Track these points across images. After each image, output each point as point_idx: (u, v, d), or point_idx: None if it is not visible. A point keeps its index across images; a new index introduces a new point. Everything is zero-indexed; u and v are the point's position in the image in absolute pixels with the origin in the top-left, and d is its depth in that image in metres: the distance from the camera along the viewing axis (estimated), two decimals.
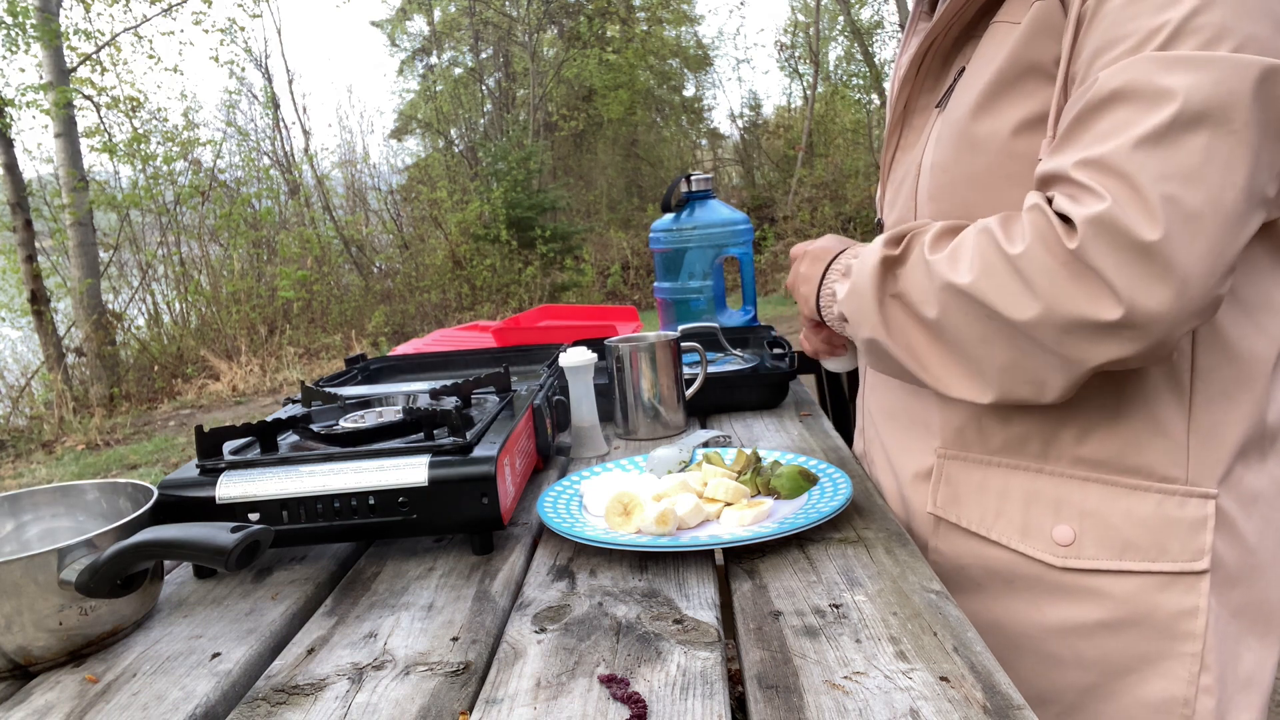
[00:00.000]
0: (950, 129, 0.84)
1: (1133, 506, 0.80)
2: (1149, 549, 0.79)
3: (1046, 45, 0.76)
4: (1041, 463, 0.84)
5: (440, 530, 0.86)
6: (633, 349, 1.26)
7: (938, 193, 0.86)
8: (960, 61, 0.88)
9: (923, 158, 0.89)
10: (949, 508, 0.89)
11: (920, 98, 0.93)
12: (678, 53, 15.37)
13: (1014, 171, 0.79)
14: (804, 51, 14.12)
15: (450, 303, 10.02)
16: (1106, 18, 0.70)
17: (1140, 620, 0.80)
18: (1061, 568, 0.82)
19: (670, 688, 0.60)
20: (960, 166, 0.83)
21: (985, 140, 0.80)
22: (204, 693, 0.64)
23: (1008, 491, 0.85)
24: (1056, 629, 0.83)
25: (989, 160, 0.81)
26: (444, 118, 13.34)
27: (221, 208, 9.21)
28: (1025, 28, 0.77)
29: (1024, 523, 0.84)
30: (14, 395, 7.26)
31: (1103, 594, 0.81)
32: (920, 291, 0.78)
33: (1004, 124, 0.79)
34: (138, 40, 11.19)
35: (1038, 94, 0.77)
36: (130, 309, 8.64)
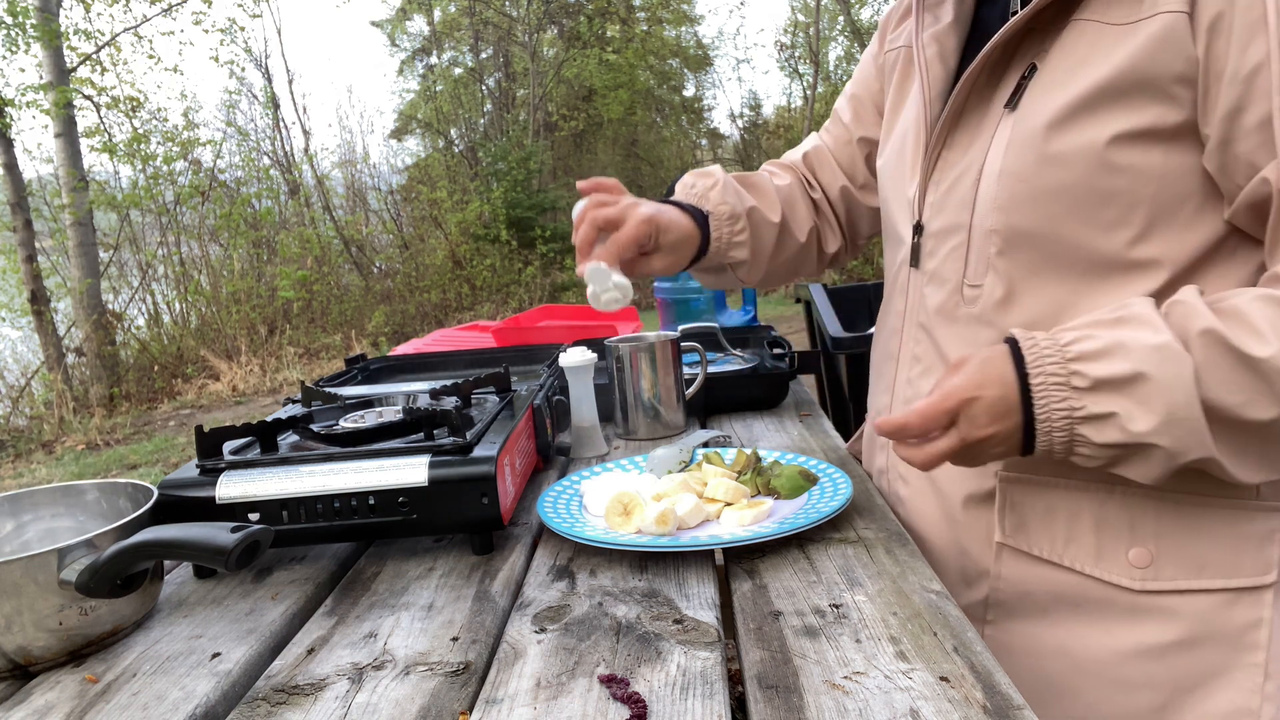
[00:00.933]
0: (1028, 135, 0.78)
1: (1206, 523, 0.78)
2: (1223, 565, 0.77)
3: (1170, 61, 0.71)
4: (1111, 482, 0.80)
5: (440, 530, 0.86)
6: (633, 349, 1.26)
7: (1011, 204, 0.79)
8: (1026, 56, 0.81)
9: (985, 161, 0.82)
10: (1017, 536, 0.84)
11: (975, 92, 0.85)
12: (678, 53, 15.36)
13: (1109, 186, 0.75)
14: (804, 51, 14.12)
15: (450, 303, 10.01)
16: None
17: (1211, 636, 0.78)
18: (1139, 590, 0.79)
19: (670, 688, 0.60)
20: (1043, 178, 0.77)
21: (1075, 152, 0.75)
22: (204, 693, 0.64)
23: (1077, 515, 0.81)
24: (1129, 652, 0.80)
25: (1079, 173, 0.75)
26: (444, 118, 13.34)
27: (221, 208, 9.20)
28: (1147, 40, 0.71)
29: (1097, 547, 0.80)
30: (14, 395, 7.26)
31: (1176, 613, 0.78)
32: (1245, 391, 0.67)
33: (1100, 135, 0.74)
34: (138, 40, 11.17)
35: (1145, 109, 0.73)
36: (130, 309, 8.64)
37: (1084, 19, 0.76)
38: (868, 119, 1.12)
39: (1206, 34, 0.70)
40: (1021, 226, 0.80)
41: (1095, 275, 0.78)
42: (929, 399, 0.75)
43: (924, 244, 0.92)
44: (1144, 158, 0.74)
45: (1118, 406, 0.69)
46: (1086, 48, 0.75)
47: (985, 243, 0.83)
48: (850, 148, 1.14)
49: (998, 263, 0.82)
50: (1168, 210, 0.75)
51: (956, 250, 0.86)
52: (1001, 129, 0.81)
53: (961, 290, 0.86)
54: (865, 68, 1.12)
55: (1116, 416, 0.69)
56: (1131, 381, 0.68)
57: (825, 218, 1.16)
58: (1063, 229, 0.77)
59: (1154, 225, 0.75)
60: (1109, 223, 0.76)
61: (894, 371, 0.97)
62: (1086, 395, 0.70)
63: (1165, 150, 0.74)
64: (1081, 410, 0.70)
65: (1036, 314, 0.81)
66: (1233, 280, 0.76)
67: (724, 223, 1.04)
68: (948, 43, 0.91)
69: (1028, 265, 0.81)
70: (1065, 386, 0.70)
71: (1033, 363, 0.72)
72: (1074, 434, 0.71)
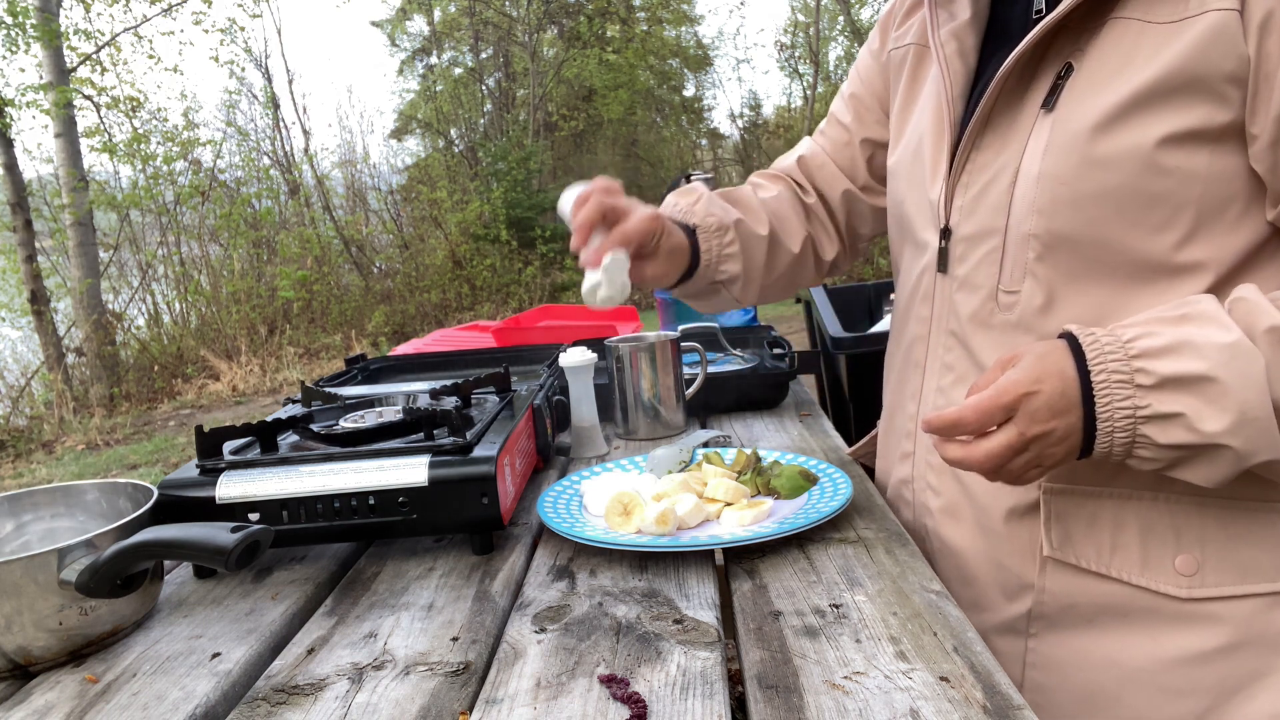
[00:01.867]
0: (1070, 137, 0.76)
1: (1250, 527, 0.77)
2: (1269, 569, 0.77)
3: (1221, 59, 0.69)
4: (1156, 489, 0.78)
5: (440, 530, 0.86)
6: (633, 349, 1.26)
7: (1053, 208, 0.77)
8: (1060, 56, 0.78)
9: (1022, 163, 0.79)
10: (1064, 548, 0.82)
11: (1005, 93, 0.82)
12: (678, 53, 15.36)
13: (1156, 188, 0.73)
14: (804, 51, 14.12)
15: (450, 303, 10.01)
16: None
17: (1255, 640, 0.77)
18: (1185, 598, 0.78)
19: (670, 688, 0.60)
20: (1087, 181, 0.75)
21: (1121, 154, 0.73)
22: (204, 693, 0.64)
23: (1122, 524, 0.80)
24: (1174, 660, 0.79)
25: (1125, 176, 0.73)
26: (444, 118, 13.34)
27: (221, 208, 9.20)
28: (1197, 39, 0.70)
29: (1143, 555, 0.79)
30: (14, 395, 7.26)
31: (1222, 619, 0.77)
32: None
33: (1148, 137, 0.72)
34: (138, 40, 11.18)
35: (1194, 109, 0.71)
36: (130, 309, 8.64)
37: (1124, 17, 0.74)
38: (870, 119, 1.09)
39: (1258, 32, 0.68)
40: (1063, 231, 0.78)
41: (1139, 279, 0.76)
42: (985, 393, 0.72)
43: (953, 249, 0.88)
44: (1191, 159, 0.72)
45: (1185, 406, 0.67)
46: (1129, 47, 0.73)
47: (1022, 247, 0.80)
48: (850, 149, 1.11)
49: (1036, 268, 0.80)
50: (1214, 212, 0.74)
51: (991, 255, 0.83)
52: (1039, 131, 0.79)
53: (997, 297, 0.83)
54: (865, 66, 1.09)
55: (1184, 417, 0.67)
56: (1201, 381, 0.66)
57: (820, 224, 1.13)
58: (1106, 232, 0.76)
59: (1200, 227, 0.74)
60: (1155, 225, 0.74)
61: (921, 380, 0.94)
62: (1152, 394, 0.68)
63: (1212, 151, 0.72)
64: (1146, 409, 0.68)
65: (1078, 319, 0.78)
66: (1277, 282, 0.75)
67: (712, 235, 1.01)
68: (967, 40, 0.88)
69: (1068, 270, 0.78)
70: (1129, 384, 0.68)
71: (1094, 359, 0.69)
72: (1137, 434, 0.69)
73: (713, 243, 1.01)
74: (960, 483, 0.90)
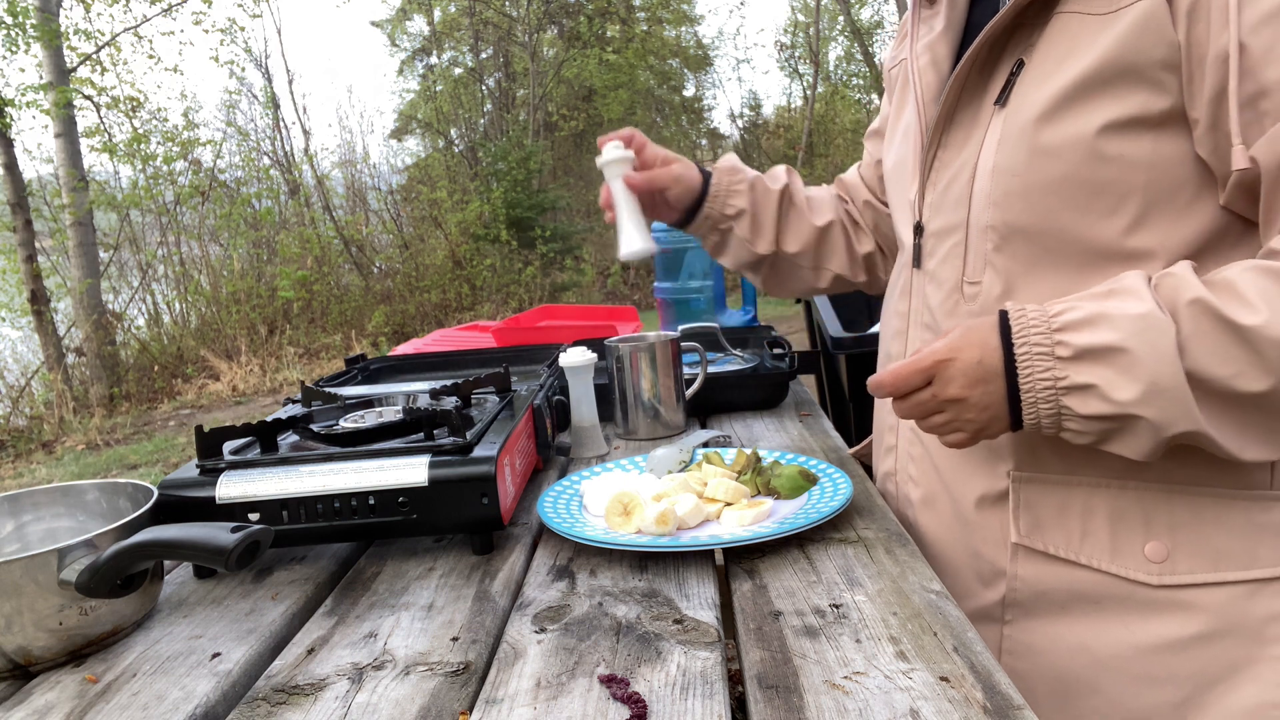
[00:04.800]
0: (1018, 130, 0.79)
1: (1222, 515, 0.77)
2: (1241, 557, 0.77)
3: (1152, 47, 0.71)
4: (1125, 478, 0.80)
5: (440, 530, 0.86)
6: (633, 349, 1.26)
7: (1005, 199, 0.80)
8: (1014, 53, 0.81)
9: (979, 159, 0.83)
10: (1033, 535, 0.84)
11: (965, 92, 0.86)
12: (678, 53, 15.36)
13: (1101, 176, 0.75)
14: (804, 51, 14.12)
15: (450, 303, 10.01)
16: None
17: (1232, 629, 0.77)
18: (1156, 585, 0.79)
19: (670, 688, 0.60)
20: (1035, 171, 0.78)
21: (1064, 144, 0.76)
22: (204, 693, 0.64)
23: (1091, 511, 0.81)
24: (1150, 647, 0.80)
25: (1070, 165, 0.76)
26: (444, 118, 13.34)
27: (221, 208, 9.20)
28: (1127, 28, 0.72)
29: (1113, 542, 0.80)
30: (14, 395, 7.26)
31: (1195, 607, 0.78)
32: (1236, 362, 0.66)
33: (1088, 126, 0.74)
34: (138, 40, 11.18)
35: (1131, 97, 0.73)
36: (130, 309, 8.64)
37: (1066, 11, 0.77)
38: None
39: (1186, 19, 0.70)
40: (1017, 221, 0.80)
41: (1092, 267, 0.78)
42: (906, 360, 0.78)
43: (925, 244, 0.92)
44: (1134, 146, 0.74)
45: (1098, 377, 0.69)
46: (1070, 40, 0.76)
47: (982, 239, 0.84)
48: (877, 169, 1.19)
49: (995, 259, 0.83)
50: (1162, 198, 0.75)
51: (955, 248, 0.87)
52: (993, 126, 0.82)
53: (961, 288, 0.87)
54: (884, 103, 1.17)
55: (1097, 388, 0.69)
56: (1113, 351, 0.68)
57: (855, 222, 1.20)
58: (1057, 221, 0.78)
59: (1148, 214, 0.76)
60: (1103, 213, 0.76)
61: None
62: (1070, 365, 0.70)
63: (1155, 138, 0.74)
64: (1065, 380, 0.70)
65: None
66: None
67: (724, 172, 1.13)
68: (940, 49, 0.92)
69: (1025, 259, 0.81)
70: (1049, 356, 0.71)
71: (1018, 332, 0.72)
72: (1060, 406, 0.71)
73: (723, 178, 1.13)
74: (937, 473, 0.93)
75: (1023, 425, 0.74)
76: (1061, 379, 0.70)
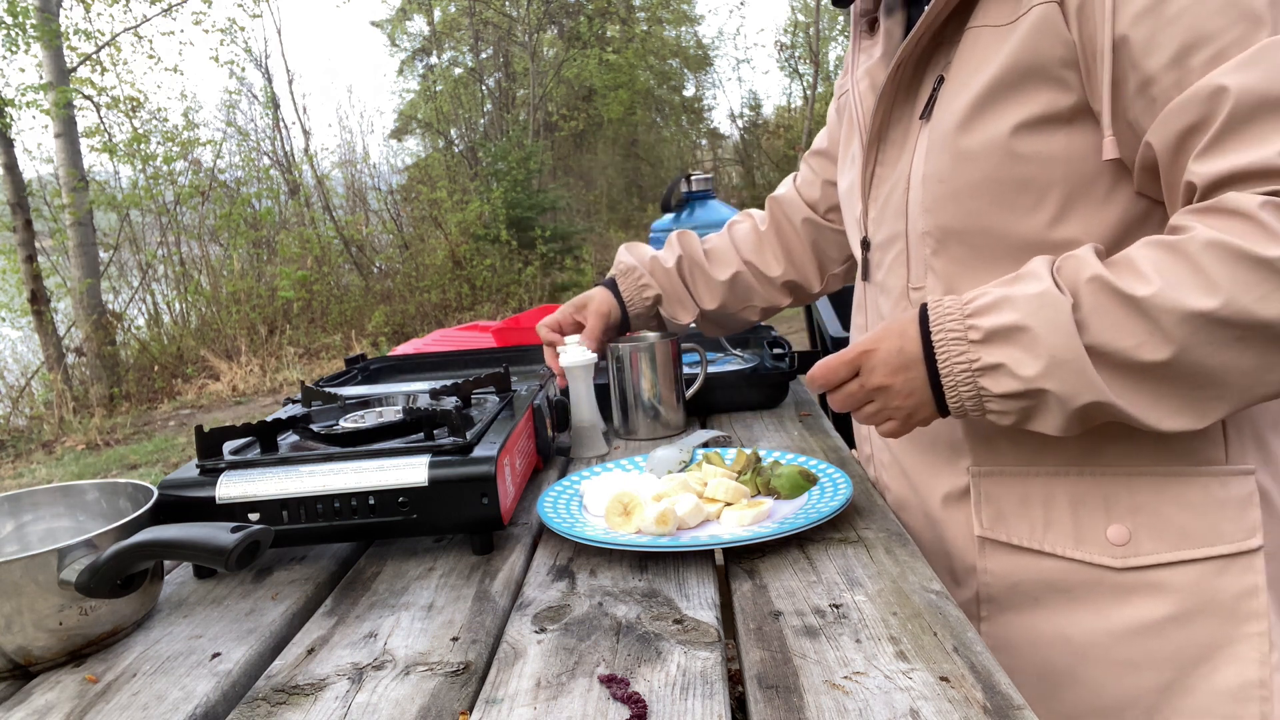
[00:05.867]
0: (942, 139, 0.83)
1: (1181, 493, 0.79)
2: (1204, 534, 0.78)
3: (1050, 47, 0.75)
4: (1082, 465, 0.82)
5: (440, 530, 0.86)
6: (633, 349, 1.26)
7: (935, 205, 0.84)
8: (935, 70, 0.86)
9: (911, 171, 0.87)
10: (996, 527, 0.86)
11: (895, 111, 0.91)
12: (678, 53, 15.36)
13: (1020, 174, 0.79)
14: (804, 51, 14.12)
15: (450, 303, 10.00)
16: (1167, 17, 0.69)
17: (1205, 608, 0.78)
18: (1121, 568, 0.80)
19: (670, 688, 0.60)
20: (959, 176, 0.82)
21: (983, 146, 0.80)
22: (204, 693, 0.65)
23: (1052, 499, 0.83)
24: (1125, 631, 0.81)
25: (990, 165, 0.80)
26: (444, 118, 13.34)
27: (221, 208, 9.20)
28: (1026, 32, 0.76)
29: (1075, 529, 0.82)
30: (14, 395, 7.26)
31: (1165, 587, 0.79)
32: (1136, 333, 0.67)
33: (1001, 128, 0.79)
34: (138, 40, 11.17)
35: (1038, 96, 0.77)
36: (130, 309, 8.63)
37: (975, 26, 0.81)
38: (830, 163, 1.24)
39: (1077, 17, 0.74)
40: (949, 225, 0.84)
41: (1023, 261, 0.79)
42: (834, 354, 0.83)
43: (872, 257, 0.97)
44: (1047, 143, 0.78)
45: (1006, 356, 0.72)
46: (981, 52, 0.80)
47: (921, 245, 0.87)
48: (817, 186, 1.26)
49: (934, 263, 0.86)
50: (1080, 190, 0.78)
51: (899, 257, 0.91)
52: (920, 138, 0.87)
53: (908, 294, 0.90)
54: (830, 117, 1.21)
55: (1005, 366, 0.72)
56: (1016, 330, 0.71)
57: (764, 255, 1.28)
58: (985, 221, 0.81)
59: (1069, 206, 0.79)
60: (1026, 209, 0.79)
61: None
62: (981, 347, 0.73)
63: (1067, 133, 0.77)
64: (978, 361, 0.73)
65: None
66: None
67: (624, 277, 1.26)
68: (878, 74, 0.96)
69: (961, 261, 0.84)
70: (963, 340, 0.74)
71: (935, 320, 0.76)
72: (978, 387, 0.74)
73: (625, 283, 1.26)
74: (905, 476, 0.96)
75: (950, 411, 0.77)
76: (975, 361, 0.73)
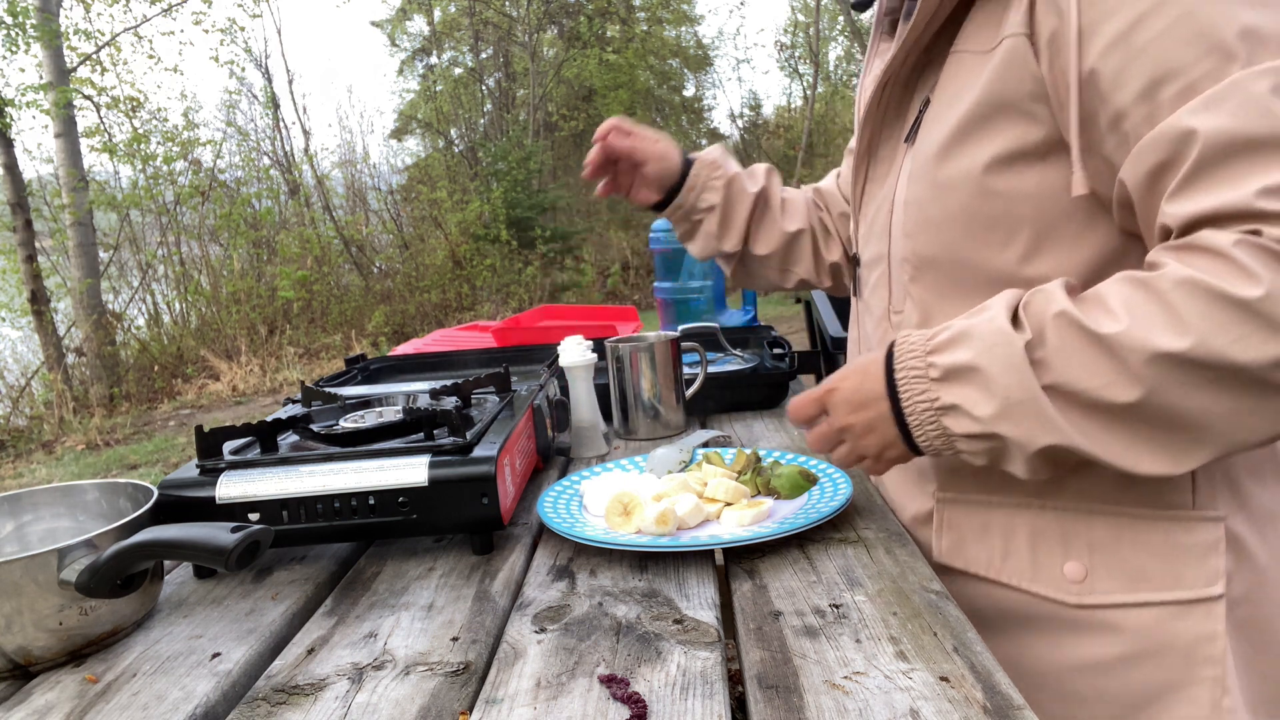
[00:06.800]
0: (922, 166, 0.81)
1: (1141, 536, 0.77)
2: (1163, 578, 0.77)
3: (1019, 81, 0.73)
4: (1044, 499, 0.80)
5: (440, 530, 0.86)
6: (633, 349, 1.26)
7: (914, 230, 0.83)
8: (923, 91, 0.84)
9: (895, 193, 0.86)
10: (954, 555, 0.86)
11: (884, 129, 0.90)
12: (678, 53, 15.36)
13: (991, 210, 0.77)
14: (804, 51, 14.12)
15: (450, 303, 10.00)
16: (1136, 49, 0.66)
17: (1160, 650, 0.77)
18: (1076, 604, 0.79)
19: (670, 688, 0.60)
20: (936, 205, 0.80)
21: (958, 179, 0.78)
22: (204, 693, 0.64)
23: (1012, 531, 0.82)
24: (1077, 666, 0.79)
25: (964, 198, 0.78)
26: (444, 118, 13.33)
27: (221, 208, 9.19)
28: (997, 65, 0.74)
29: (1033, 562, 0.81)
30: (14, 395, 7.25)
31: (1120, 628, 0.78)
32: (1103, 373, 0.64)
33: (976, 161, 0.76)
34: (138, 40, 11.19)
35: (1009, 130, 0.74)
36: (130, 309, 8.63)
37: (958, 51, 0.79)
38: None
39: (1047, 50, 0.71)
40: (925, 252, 0.82)
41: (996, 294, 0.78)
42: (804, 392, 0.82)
43: (860, 275, 0.97)
44: (1019, 180, 0.75)
45: (961, 396, 0.68)
46: (962, 78, 0.78)
47: (900, 270, 0.86)
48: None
49: (912, 289, 0.85)
50: (1052, 228, 0.75)
51: (881, 279, 0.90)
52: (905, 162, 0.85)
53: (889, 317, 0.89)
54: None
55: (960, 407, 0.68)
56: (970, 370, 0.68)
57: (827, 230, 1.19)
58: (959, 252, 0.80)
59: (1041, 244, 0.76)
60: (997, 244, 0.77)
61: None
62: (940, 386, 0.70)
63: (1040, 170, 0.74)
64: (939, 400, 0.70)
65: None
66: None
67: (704, 165, 1.13)
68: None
69: (936, 289, 0.83)
70: (924, 378, 0.71)
71: (899, 358, 0.73)
72: (942, 426, 0.70)
73: (701, 170, 1.13)
74: (881, 488, 0.97)
75: (921, 450, 0.74)
76: (935, 400, 0.70)
